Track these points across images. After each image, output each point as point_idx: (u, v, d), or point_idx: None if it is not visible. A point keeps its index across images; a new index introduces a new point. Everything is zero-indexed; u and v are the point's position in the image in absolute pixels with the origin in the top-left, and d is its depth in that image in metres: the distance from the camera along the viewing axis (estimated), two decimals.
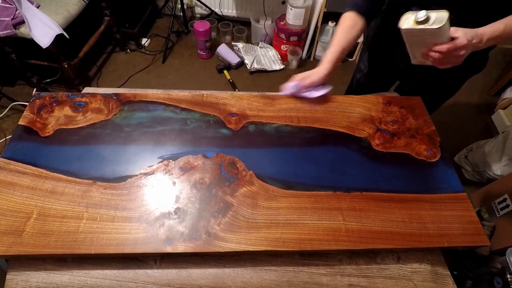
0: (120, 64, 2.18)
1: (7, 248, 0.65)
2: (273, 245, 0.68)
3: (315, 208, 0.74)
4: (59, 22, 1.58)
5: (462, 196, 0.79)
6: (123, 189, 0.74)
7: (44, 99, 0.90)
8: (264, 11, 2.13)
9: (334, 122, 0.91)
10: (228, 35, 2.36)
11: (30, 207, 0.71)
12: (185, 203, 0.73)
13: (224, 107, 0.92)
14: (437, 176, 0.82)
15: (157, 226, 0.69)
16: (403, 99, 0.99)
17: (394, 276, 0.73)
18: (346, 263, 0.74)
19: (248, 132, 0.87)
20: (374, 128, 0.90)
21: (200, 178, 0.77)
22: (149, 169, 0.78)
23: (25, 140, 0.81)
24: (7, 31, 1.48)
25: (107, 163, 0.78)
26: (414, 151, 0.86)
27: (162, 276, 0.70)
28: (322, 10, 1.97)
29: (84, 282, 0.69)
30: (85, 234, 0.68)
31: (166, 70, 2.18)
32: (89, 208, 0.71)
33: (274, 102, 0.94)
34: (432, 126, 0.92)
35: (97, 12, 1.99)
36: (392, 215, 0.74)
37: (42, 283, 0.69)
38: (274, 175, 0.79)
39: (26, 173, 0.75)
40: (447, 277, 0.74)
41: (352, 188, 0.78)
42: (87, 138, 0.83)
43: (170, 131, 0.86)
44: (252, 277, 0.71)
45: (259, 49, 2.26)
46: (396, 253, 0.76)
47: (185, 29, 2.41)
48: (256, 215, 0.72)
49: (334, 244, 0.70)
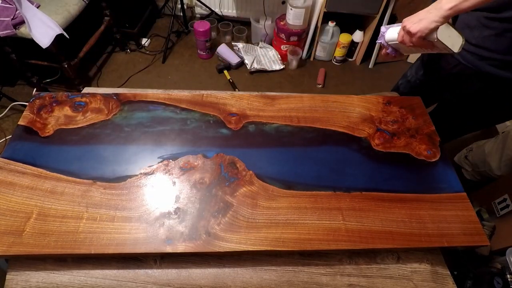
0: (120, 64, 2.18)
1: (7, 248, 0.65)
2: (273, 245, 0.68)
3: (315, 208, 0.74)
4: (59, 22, 1.58)
5: (462, 196, 0.79)
6: (123, 189, 0.74)
7: (44, 99, 0.90)
8: (264, 11, 2.13)
9: (334, 122, 0.91)
10: (228, 35, 2.35)
11: (30, 207, 0.71)
12: (185, 203, 0.73)
13: (224, 107, 0.92)
14: (437, 176, 0.82)
15: (157, 226, 0.69)
16: (403, 99, 0.99)
17: (394, 276, 0.73)
18: (346, 263, 0.74)
19: (248, 132, 0.87)
20: (374, 128, 0.90)
21: (200, 178, 0.77)
22: (149, 169, 0.78)
23: (25, 140, 0.81)
24: (7, 31, 1.48)
25: (107, 163, 0.78)
26: (414, 151, 0.86)
27: (162, 276, 0.70)
28: (322, 10, 1.97)
29: (84, 282, 0.69)
30: (85, 234, 0.68)
31: (166, 70, 2.18)
32: (89, 208, 0.71)
33: (274, 102, 0.94)
34: (432, 126, 0.92)
35: (97, 12, 1.99)
36: (392, 215, 0.74)
37: (42, 283, 0.69)
38: (274, 175, 0.79)
39: (26, 173, 0.75)
40: (447, 277, 0.74)
41: (352, 188, 0.78)
42: (87, 138, 0.83)
43: (170, 131, 0.86)
44: (252, 277, 0.71)
45: (259, 49, 2.26)
46: (396, 253, 0.76)
47: (185, 29, 2.41)
48: (256, 215, 0.72)
49: (334, 244, 0.70)
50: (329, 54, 2.25)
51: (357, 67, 2.26)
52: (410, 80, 1.18)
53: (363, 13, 1.97)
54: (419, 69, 1.13)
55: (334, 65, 2.27)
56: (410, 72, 1.18)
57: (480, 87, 0.91)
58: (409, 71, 1.19)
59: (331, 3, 1.91)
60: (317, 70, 2.20)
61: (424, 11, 0.72)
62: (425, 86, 1.12)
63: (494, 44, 0.81)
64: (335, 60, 2.26)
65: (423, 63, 1.11)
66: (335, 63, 2.27)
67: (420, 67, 1.13)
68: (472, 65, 0.87)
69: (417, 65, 1.15)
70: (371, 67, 2.24)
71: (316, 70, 2.20)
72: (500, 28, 0.78)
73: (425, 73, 1.11)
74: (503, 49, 0.80)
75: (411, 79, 1.17)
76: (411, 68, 1.18)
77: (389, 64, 2.27)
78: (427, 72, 1.09)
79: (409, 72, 1.19)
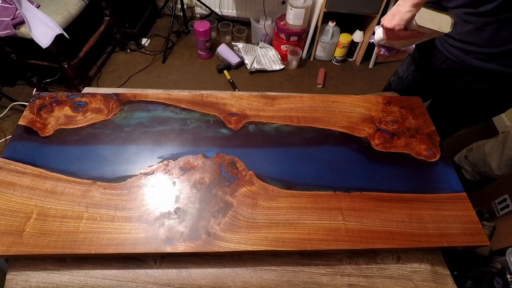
0: (120, 64, 2.18)
1: (7, 248, 0.65)
2: (273, 245, 0.68)
3: (315, 208, 0.74)
4: (59, 22, 1.58)
5: (462, 196, 0.79)
6: (123, 189, 0.74)
7: (44, 99, 0.90)
8: (264, 11, 2.13)
9: (334, 122, 0.91)
10: (228, 35, 2.35)
11: (30, 207, 0.71)
12: (185, 203, 0.73)
13: (224, 107, 0.92)
14: (437, 176, 0.82)
15: (157, 226, 0.69)
16: (403, 99, 0.99)
17: (394, 276, 0.73)
18: (346, 263, 0.74)
19: (248, 132, 0.87)
20: (374, 128, 0.90)
21: (200, 178, 0.77)
22: (149, 169, 0.78)
23: (25, 140, 0.81)
24: (7, 31, 1.48)
25: (107, 163, 0.78)
26: (414, 151, 0.86)
27: (162, 276, 0.70)
28: (322, 10, 1.97)
29: (84, 282, 0.69)
30: (85, 234, 0.68)
31: (166, 70, 2.18)
32: (89, 208, 0.71)
33: (274, 102, 0.94)
34: (432, 126, 0.92)
35: (97, 12, 1.99)
36: (392, 215, 0.74)
37: (42, 283, 0.69)
38: (274, 175, 0.79)
39: (26, 173, 0.75)
40: (447, 277, 0.74)
41: (352, 188, 0.78)
42: (87, 138, 0.83)
43: (170, 131, 0.86)
44: (252, 277, 0.71)
45: (259, 49, 2.26)
46: (396, 253, 0.76)
47: (185, 29, 2.41)
48: (256, 215, 0.72)
49: (334, 244, 0.70)
50: (329, 54, 2.25)
51: (357, 67, 2.26)
52: (401, 76, 1.18)
53: (363, 13, 1.97)
54: (410, 64, 1.14)
55: (334, 65, 2.27)
56: (402, 69, 1.18)
57: (469, 81, 0.92)
58: (400, 68, 1.19)
59: (331, 3, 1.91)
60: (317, 70, 2.20)
61: (395, 6, 0.75)
62: (417, 83, 1.13)
63: (476, 38, 0.83)
64: (335, 60, 2.26)
65: (414, 59, 1.11)
66: (335, 63, 2.27)
67: (411, 62, 1.13)
68: (459, 60, 0.88)
69: (408, 60, 1.15)
70: (371, 67, 2.24)
71: (316, 70, 2.20)
72: (479, 22, 0.80)
73: (415, 69, 1.11)
74: (484, 42, 0.82)
75: (403, 75, 1.17)
76: (402, 65, 1.19)
77: (389, 64, 2.27)
78: (417, 70, 1.11)
79: (400, 69, 1.19)
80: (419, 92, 1.05)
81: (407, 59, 1.16)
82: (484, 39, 0.82)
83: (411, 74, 1.14)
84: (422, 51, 1.04)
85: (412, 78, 1.14)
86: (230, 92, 0.98)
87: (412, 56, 1.13)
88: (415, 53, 1.09)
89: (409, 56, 1.16)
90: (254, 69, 2.15)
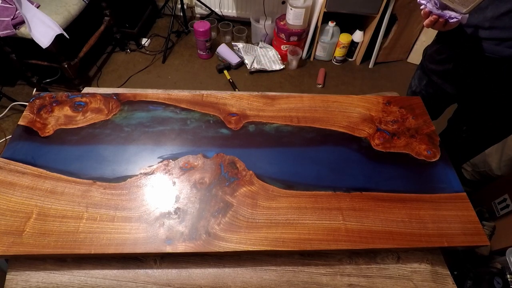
0: (120, 64, 2.18)
1: (7, 248, 0.65)
2: (273, 245, 0.68)
3: (315, 208, 0.74)
4: (59, 22, 1.58)
5: (462, 196, 0.79)
6: (123, 189, 0.74)
7: (44, 99, 0.90)
8: (264, 11, 2.13)
9: (334, 122, 0.91)
10: (228, 35, 2.35)
11: (30, 207, 0.71)
12: (185, 203, 0.73)
13: (224, 107, 0.92)
14: (437, 176, 0.82)
15: (157, 226, 0.69)
16: (403, 99, 0.99)
17: (394, 276, 0.73)
18: (346, 263, 0.74)
19: (248, 132, 0.87)
20: (374, 128, 0.90)
21: (200, 178, 0.77)
22: (149, 169, 0.78)
23: (25, 140, 0.81)
24: (7, 31, 1.48)
25: (107, 163, 0.78)
26: (414, 151, 0.86)
27: (162, 276, 0.70)
28: (322, 10, 1.97)
29: (84, 282, 0.69)
30: (85, 234, 0.68)
31: (166, 70, 2.18)
32: (89, 208, 0.71)
33: (274, 102, 0.94)
34: (432, 126, 0.92)
35: (97, 12, 1.99)
36: (392, 215, 0.74)
37: (42, 283, 0.69)
38: (274, 175, 0.79)
39: (26, 173, 0.75)
40: (447, 277, 0.74)
41: (352, 188, 0.78)
42: (87, 138, 0.83)
43: (170, 131, 0.86)
44: (252, 277, 0.71)
45: (259, 49, 2.26)
46: (396, 253, 0.76)
47: (185, 29, 2.41)
48: (256, 215, 0.72)
49: (334, 244, 0.70)
50: (329, 54, 2.25)
51: (357, 67, 2.26)
52: (415, 91, 1.16)
53: (363, 13, 1.97)
54: (421, 79, 1.11)
55: (334, 65, 2.27)
56: (414, 83, 1.17)
57: (502, 77, 0.82)
58: (412, 82, 1.18)
59: (331, 3, 1.91)
60: (317, 70, 2.20)
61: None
62: (432, 98, 1.10)
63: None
64: (335, 60, 2.26)
65: (424, 71, 1.08)
66: (335, 63, 2.27)
67: (421, 77, 1.10)
68: (489, 53, 0.78)
69: (419, 74, 1.13)
70: (371, 67, 2.24)
71: (316, 70, 2.20)
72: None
73: (427, 84, 1.07)
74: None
75: (416, 90, 1.16)
76: (414, 79, 1.17)
77: (389, 64, 2.27)
78: (449, 81, 1.01)
79: (412, 83, 1.18)
80: (436, 106, 1.01)
81: (417, 72, 1.14)
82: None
83: (424, 89, 1.12)
84: (456, 60, 0.95)
85: (426, 93, 1.11)
86: (230, 92, 0.98)
87: (421, 69, 1.10)
88: (426, 64, 1.04)
89: (417, 69, 1.13)
90: (254, 69, 2.15)
